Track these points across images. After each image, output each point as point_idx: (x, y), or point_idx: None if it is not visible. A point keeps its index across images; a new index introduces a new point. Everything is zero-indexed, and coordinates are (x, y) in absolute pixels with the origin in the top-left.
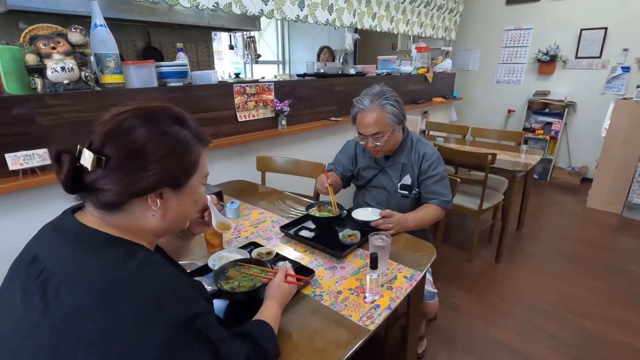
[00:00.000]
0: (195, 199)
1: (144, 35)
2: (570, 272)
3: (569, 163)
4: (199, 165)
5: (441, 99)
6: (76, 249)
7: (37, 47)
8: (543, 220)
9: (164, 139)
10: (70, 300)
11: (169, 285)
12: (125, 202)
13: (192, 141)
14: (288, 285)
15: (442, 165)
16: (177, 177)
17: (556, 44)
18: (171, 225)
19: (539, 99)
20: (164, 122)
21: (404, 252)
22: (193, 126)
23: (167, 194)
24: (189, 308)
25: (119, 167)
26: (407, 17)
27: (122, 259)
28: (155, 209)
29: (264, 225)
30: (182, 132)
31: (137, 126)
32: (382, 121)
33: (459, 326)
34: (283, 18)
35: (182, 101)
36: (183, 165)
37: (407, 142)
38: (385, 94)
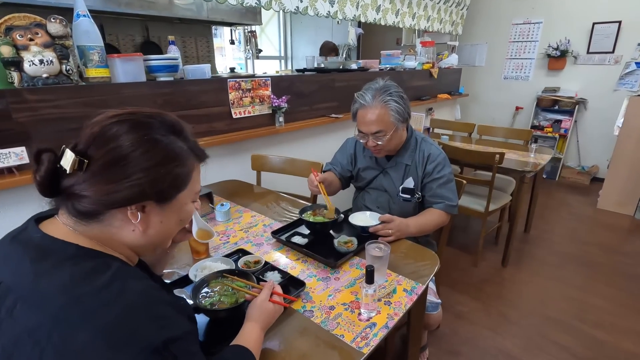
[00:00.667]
0: (181, 218)
1: (142, 29)
2: (582, 278)
3: (578, 162)
4: (190, 180)
5: (446, 96)
6: (38, 262)
7: (13, 39)
8: (552, 222)
9: (154, 148)
10: (24, 319)
11: (141, 303)
12: (103, 211)
13: (186, 154)
14: (272, 306)
15: (449, 167)
16: (164, 190)
17: (567, 38)
18: (151, 242)
19: (548, 95)
20: (158, 131)
21: (404, 262)
22: (190, 138)
23: (150, 208)
24: (164, 330)
25: (100, 173)
26: (413, 10)
27: (90, 274)
28: (136, 223)
29: (255, 229)
30: (176, 143)
31: (127, 131)
32: (384, 119)
33: (464, 335)
34: (282, 9)
35: (172, 96)
36: (172, 178)
37: (411, 141)
38: (390, 89)
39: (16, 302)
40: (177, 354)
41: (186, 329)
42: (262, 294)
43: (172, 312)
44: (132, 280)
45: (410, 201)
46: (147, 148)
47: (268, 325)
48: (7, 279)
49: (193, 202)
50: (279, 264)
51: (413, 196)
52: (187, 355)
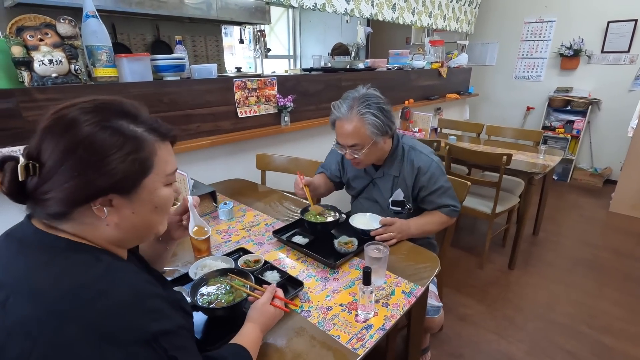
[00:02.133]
0: (156, 205)
1: (153, 29)
2: (591, 283)
3: (591, 164)
4: (153, 164)
5: (455, 95)
6: (31, 256)
7: (24, 39)
8: (562, 225)
9: (101, 137)
10: (18, 312)
11: (132, 296)
12: (69, 211)
13: (142, 137)
14: (273, 309)
15: (443, 174)
16: (121, 180)
17: (580, 37)
18: (131, 235)
19: (560, 95)
20: (105, 118)
21: (404, 263)
22: (147, 119)
23: (117, 201)
24: (155, 323)
25: (54, 173)
26: (428, 8)
27: (81, 267)
28: (105, 218)
29: (257, 228)
30: (128, 127)
31: (68, 127)
32: (360, 132)
33: (467, 338)
34: (300, 5)
35: (178, 96)
36: (128, 167)
37: (398, 151)
38: (368, 100)
39: (9, 295)
40: (167, 347)
41: (179, 324)
42: (264, 297)
43: (165, 306)
44: (124, 274)
45: (402, 213)
46: (90, 141)
47: (267, 328)
48: (0, 274)
49: (167, 185)
50: (279, 264)
51: (404, 208)
52: (179, 349)
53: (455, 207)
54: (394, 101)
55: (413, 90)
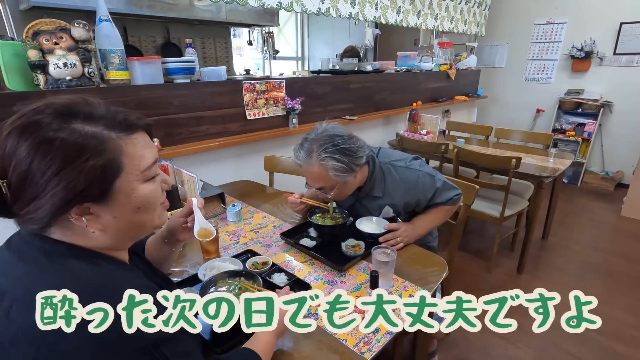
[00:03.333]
0: (139, 204)
1: (163, 31)
2: (601, 288)
3: (602, 167)
4: (121, 163)
5: (464, 97)
6: (33, 263)
7: (40, 43)
8: (572, 229)
9: (48, 151)
10: (20, 319)
11: None
12: (50, 224)
13: (101, 136)
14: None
15: (432, 176)
16: (90, 187)
17: (592, 39)
18: (121, 237)
19: (571, 98)
20: (48, 126)
21: (411, 267)
22: (103, 114)
23: (94, 208)
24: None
25: (19, 193)
26: (434, 11)
27: (82, 273)
28: (86, 227)
29: (265, 230)
30: (82, 129)
31: (19, 142)
32: (324, 177)
33: (474, 343)
34: (304, 11)
35: (188, 98)
36: (92, 172)
37: (377, 173)
38: (326, 142)
39: (12, 303)
40: (168, 354)
41: (181, 329)
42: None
43: None
44: (124, 280)
45: None
46: (42, 154)
47: (282, 331)
48: (2, 281)
49: (148, 181)
50: (286, 266)
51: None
52: (180, 355)
53: (457, 195)
54: (401, 103)
55: (421, 93)
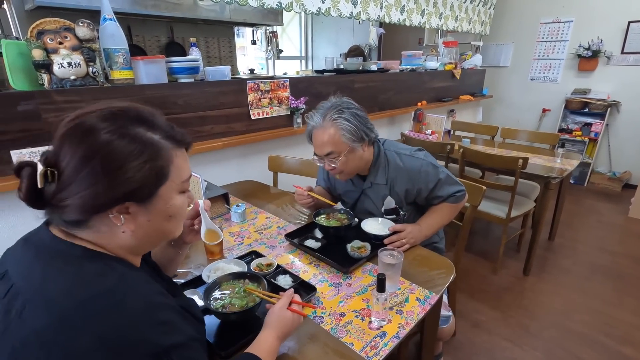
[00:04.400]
0: (170, 213)
1: (167, 30)
2: (609, 290)
3: (609, 167)
4: (169, 172)
5: (469, 97)
6: (48, 264)
7: (44, 42)
8: (579, 230)
9: (119, 146)
10: (32, 321)
11: (144, 308)
12: (87, 219)
13: (160, 144)
14: (291, 314)
15: (435, 167)
16: (140, 188)
17: (599, 37)
18: (146, 241)
19: (577, 97)
20: (122, 125)
21: (418, 270)
22: (163, 126)
23: (133, 209)
24: (166, 337)
25: (72, 181)
26: (439, 10)
27: (95, 276)
28: (121, 226)
29: (269, 231)
30: (145, 134)
31: (90, 132)
32: (335, 139)
33: (480, 345)
34: (303, 11)
35: (193, 98)
36: (147, 175)
37: (381, 159)
38: (341, 106)
39: (25, 304)
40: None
41: (191, 336)
42: (280, 301)
43: (176, 318)
44: (136, 285)
45: (397, 220)
46: (107, 150)
47: (285, 334)
48: (18, 281)
49: (182, 192)
50: (291, 267)
51: (398, 215)
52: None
53: (460, 192)
54: (406, 103)
55: (426, 92)
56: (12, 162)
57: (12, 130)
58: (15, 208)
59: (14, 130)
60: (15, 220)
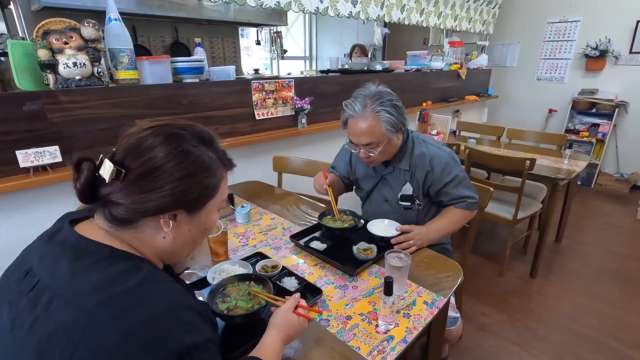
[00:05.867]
0: (207, 227)
1: (172, 31)
2: (618, 294)
3: (617, 169)
4: (219, 190)
5: (475, 97)
6: (74, 262)
7: (50, 42)
8: (586, 232)
9: (186, 159)
10: (60, 315)
11: (168, 307)
12: (137, 219)
13: (216, 164)
14: (296, 317)
15: (457, 165)
16: (194, 200)
17: (607, 37)
18: (179, 250)
19: (585, 98)
20: (189, 142)
21: (425, 272)
22: (219, 148)
23: (181, 217)
24: (188, 336)
25: (136, 183)
26: (439, 9)
27: (123, 275)
28: (167, 231)
29: (274, 232)
30: (206, 153)
31: (161, 143)
32: (375, 131)
33: (487, 349)
34: (301, 10)
35: (197, 98)
36: (202, 188)
37: (408, 145)
38: (382, 97)
39: (52, 298)
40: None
41: (209, 336)
42: (287, 304)
43: (197, 318)
44: (161, 283)
45: (411, 209)
46: (179, 159)
47: (290, 337)
48: (44, 277)
49: (218, 211)
50: (296, 269)
51: (413, 203)
52: None
53: (473, 199)
54: (411, 103)
55: (431, 92)
56: (18, 162)
57: (18, 130)
58: (21, 208)
59: (19, 130)
60: (22, 221)
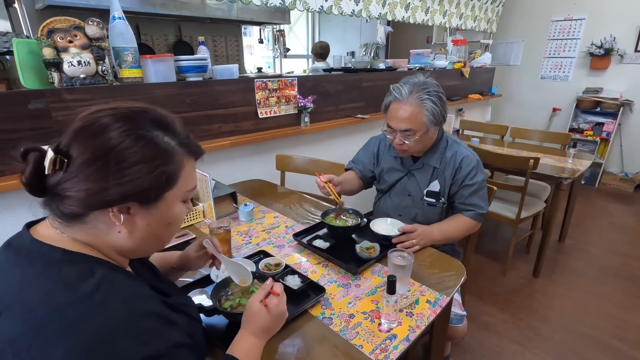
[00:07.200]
0: (170, 221)
1: (175, 29)
2: (622, 294)
3: (621, 168)
4: (178, 179)
5: (478, 96)
6: (25, 269)
7: (54, 41)
8: (590, 232)
9: (135, 144)
10: (8, 329)
11: (123, 316)
12: (86, 213)
13: (174, 150)
14: (260, 307)
15: (482, 173)
16: (147, 190)
17: (612, 35)
18: (140, 246)
19: (589, 96)
20: (141, 125)
21: (428, 271)
22: (180, 133)
23: (135, 210)
24: (145, 347)
25: (79, 173)
26: (444, 7)
27: (73, 282)
28: (119, 225)
29: (277, 230)
30: (162, 138)
31: (108, 128)
32: (417, 118)
33: (490, 348)
34: (306, 9)
35: (201, 96)
36: (154, 178)
37: (442, 143)
38: (428, 87)
39: (2, 311)
40: None
41: (175, 342)
42: (254, 296)
43: (159, 325)
44: (118, 289)
45: (435, 206)
46: (126, 145)
47: (263, 327)
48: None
49: (184, 202)
50: (299, 267)
51: (438, 201)
52: None
53: (482, 211)
54: None
55: None
56: None
57: (23, 129)
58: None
59: (25, 128)
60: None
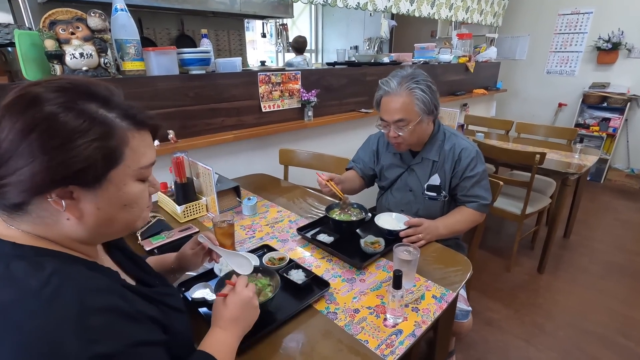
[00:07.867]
0: (125, 202)
1: (177, 23)
2: (627, 290)
3: (627, 164)
4: (123, 155)
5: (483, 91)
6: None
7: (56, 33)
8: (595, 228)
9: (63, 120)
10: None
11: (72, 312)
12: (26, 201)
13: (113, 123)
14: (218, 300)
15: (482, 163)
16: (86, 170)
17: (620, 29)
18: (97, 232)
19: (596, 91)
20: (71, 99)
21: (434, 266)
22: (121, 104)
23: (78, 193)
24: (94, 345)
25: (9, 157)
26: (450, 0)
27: (22, 277)
28: (63, 212)
29: (281, 225)
30: (97, 111)
31: (32, 104)
32: (408, 107)
33: (494, 344)
34: (310, 2)
35: (204, 90)
36: (93, 155)
37: (439, 136)
38: (417, 77)
39: None
40: None
41: (138, 339)
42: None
43: (115, 321)
44: (70, 284)
45: (437, 199)
46: (50, 122)
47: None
48: None
49: (140, 180)
50: (303, 262)
51: (439, 194)
52: None
53: (485, 201)
54: None
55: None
56: None
57: None
58: None
59: None
60: None
